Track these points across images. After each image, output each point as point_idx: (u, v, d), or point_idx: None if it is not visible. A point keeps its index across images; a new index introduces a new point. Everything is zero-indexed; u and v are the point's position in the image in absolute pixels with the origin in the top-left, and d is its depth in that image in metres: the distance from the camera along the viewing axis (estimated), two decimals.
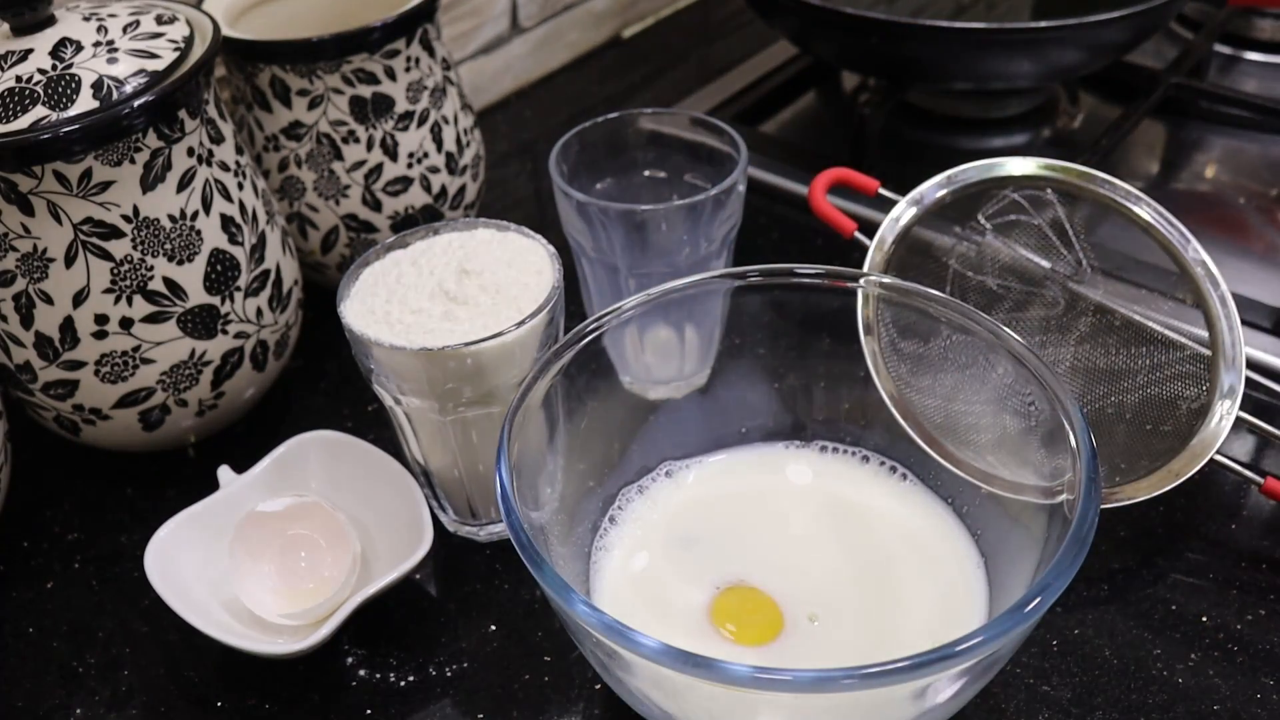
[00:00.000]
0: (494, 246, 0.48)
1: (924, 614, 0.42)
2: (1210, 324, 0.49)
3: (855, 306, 0.47)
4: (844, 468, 0.49)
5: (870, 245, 0.52)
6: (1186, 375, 0.49)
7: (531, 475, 0.41)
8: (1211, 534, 0.50)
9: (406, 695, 0.45)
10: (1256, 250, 0.67)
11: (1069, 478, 0.39)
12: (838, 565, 0.45)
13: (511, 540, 0.36)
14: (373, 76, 0.57)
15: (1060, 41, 0.67)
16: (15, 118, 0.44)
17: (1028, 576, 0.39)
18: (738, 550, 0.45)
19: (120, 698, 0.46)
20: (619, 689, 0.38)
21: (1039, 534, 0.40)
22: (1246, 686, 0.43)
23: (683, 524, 0.47)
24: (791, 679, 0.32)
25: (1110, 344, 0.52)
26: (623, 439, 0.48)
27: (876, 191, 0.57)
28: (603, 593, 0.44)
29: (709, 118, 0.57)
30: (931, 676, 0.33)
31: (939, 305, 0.45)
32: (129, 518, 0.54)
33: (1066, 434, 0.39)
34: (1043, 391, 0.41)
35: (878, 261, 0.52)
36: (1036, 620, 0.34)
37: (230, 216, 0.51)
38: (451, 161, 0.62)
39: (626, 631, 0.33)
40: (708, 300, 0.48)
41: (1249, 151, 0.76)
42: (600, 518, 0.47)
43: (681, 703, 0.36)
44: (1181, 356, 0.50)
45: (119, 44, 0.47)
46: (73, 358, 0.49)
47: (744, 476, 0.49)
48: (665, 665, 0.33)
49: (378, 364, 0.45)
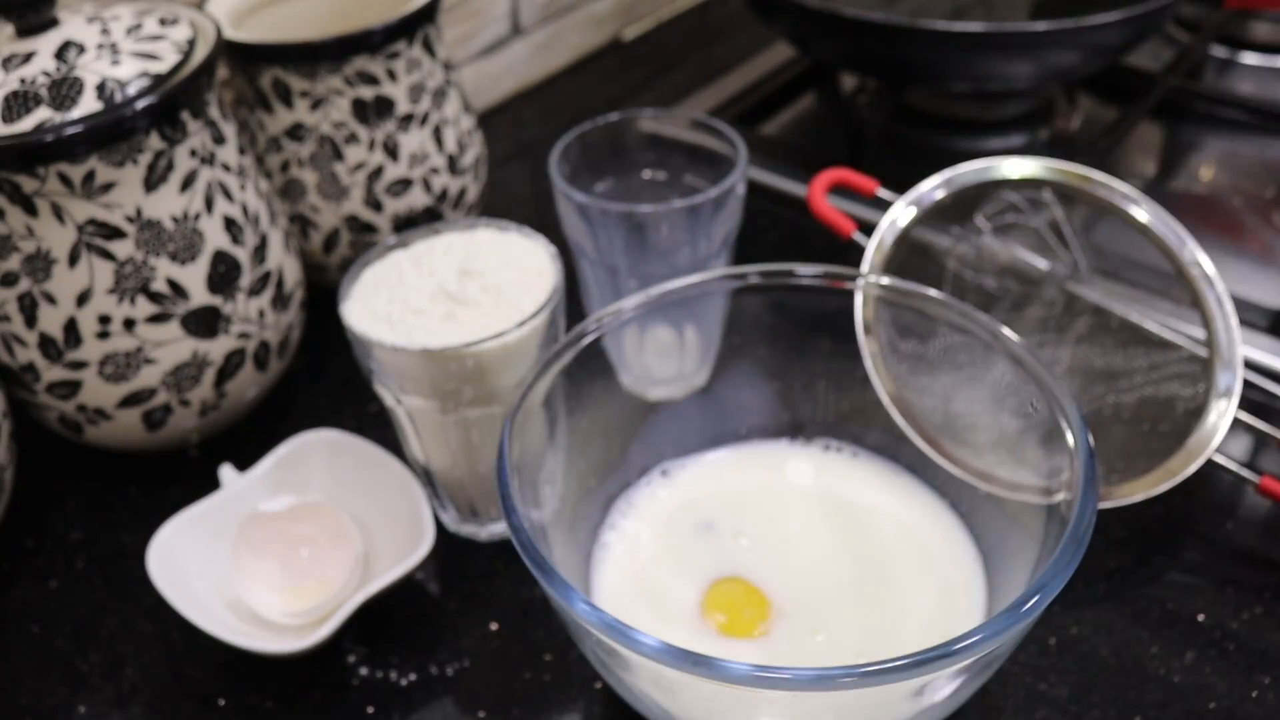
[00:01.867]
0: (495, 247, 0.48)
1: (923, 612, 0.43)
2: (1207, 324, 0.49)
3: (853, 307, 0.48)
4: (844, 466, 0.49)
5: (869, 245, 0.53)
6: (1183, 375, 0.50)
7: (532, 475, 0.42)
8: (1208, 533, 0.50)
9: (408, 694, 0.45)
10: (1253, 251, 0.67)
11: (1066, 477, 0.39)
12: (837, 563, 0.45)
13: (512, 540, 0.37)
14: (374, 78, 0.58)
15: (1058, 44, 0.67)
16: (19, 119, 0.45)
17: (1026, 575, 0.39)
18: (738, 548, 0.46)
19: (123, 696, 0.46)
20: (619, 687, 0.39)
21: (1037, 533, 0.40)
22: (1242, 684, 0.44)
23: (683, 522, 0.47)
24: (790, 677, 0.32)
25: (1107, 344, 0.52)
26: (623, 438, 0.48)
27: (875, 192, 0.57)
28: (603, 591, 0.44)
29: (709, 119, 0.57)
30: (930, 675, 0.33)
31: (937, 305, 0.45)
32: (132, 517, 0.54)
33: (1064, 434, 0.39)
34: (1040, 391, 0.41)
35: (876, 262, 0.52)
36: (1034, 619, 0.34)
37: (232, 217, 0.51)
38: (453, 163, 0.62)
39: (626, 630, 0.33)
40: (708, 301, 0.48)
41: (1245, 153, 0.76)
42: (601, 517, 0.47)
43: (681, 701, 0.36)
44: (1179, 357, 0.50)
45: (122, 46, 0.48)
46: (76, 358, 0.49)
47: (744, 474, 0.49)
48: (665, 664, 0.33)
49: (379, 364, 0.45)
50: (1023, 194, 0.53)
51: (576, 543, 0.45)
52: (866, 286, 0.47)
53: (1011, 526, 0.43)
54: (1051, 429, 0.40)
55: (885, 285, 0.47)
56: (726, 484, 0.49)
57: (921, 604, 0.43)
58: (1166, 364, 0.50)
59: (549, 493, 0.43)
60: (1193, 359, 0.49)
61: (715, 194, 0.52)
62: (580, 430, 0.46)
